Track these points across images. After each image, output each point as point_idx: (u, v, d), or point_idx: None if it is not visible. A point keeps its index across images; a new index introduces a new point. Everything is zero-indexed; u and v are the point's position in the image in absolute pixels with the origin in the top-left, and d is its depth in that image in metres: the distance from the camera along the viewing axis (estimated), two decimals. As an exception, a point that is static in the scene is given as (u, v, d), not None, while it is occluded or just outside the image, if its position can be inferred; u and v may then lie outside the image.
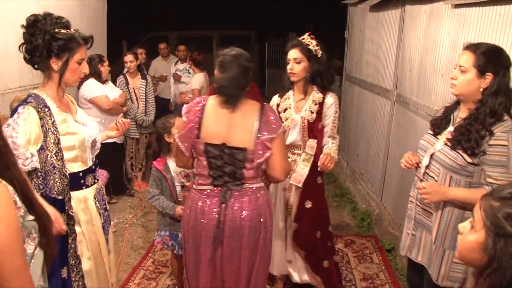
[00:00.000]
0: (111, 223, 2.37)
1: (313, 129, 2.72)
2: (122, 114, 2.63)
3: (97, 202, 2.19)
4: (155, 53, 6.88)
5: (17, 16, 3.65)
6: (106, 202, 2.32)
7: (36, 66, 2.01)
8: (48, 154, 1.96)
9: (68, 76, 2.03)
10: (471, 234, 1.11)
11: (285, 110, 2.77)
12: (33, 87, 3.87)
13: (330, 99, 2.72)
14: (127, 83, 4.85)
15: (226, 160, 2.05)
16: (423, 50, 3.29)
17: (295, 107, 2.76)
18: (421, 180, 2.10)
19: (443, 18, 2.95)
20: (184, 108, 2.14)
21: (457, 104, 2.09)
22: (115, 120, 2.45)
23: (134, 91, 4.89)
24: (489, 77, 1.87)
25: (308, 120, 2.70)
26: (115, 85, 4.73)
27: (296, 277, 2.96)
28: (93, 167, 2.18)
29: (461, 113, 2.04)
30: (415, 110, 3.40)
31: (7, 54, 3.57)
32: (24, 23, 1.94)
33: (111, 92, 4.34)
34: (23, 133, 1.90)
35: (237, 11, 14.73)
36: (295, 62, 2.67)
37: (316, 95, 2.72)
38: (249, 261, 2.14)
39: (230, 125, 2.05)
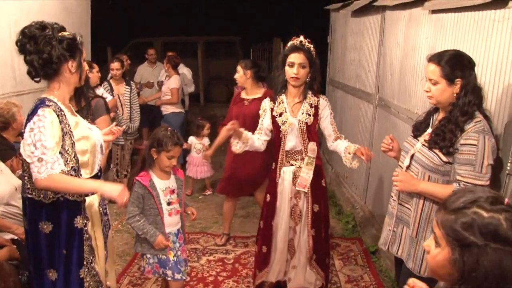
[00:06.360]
0: (111, 227, 2.38)
1: (311, 131, 2.75)
2: (115, 123, 2.64)
3: (101, 209, 2.20)
4: (139, 59, 6.84)
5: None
6: (107, 206, 2.32)
7: (36, 79, 1.96)
8: (67, 158, 1.94)
9: (82, 75, 2.06)
10: (438, 251, 1.10)
11: (280, 114, 2.76)
12: (16, 95, 3.86)
13: (323, 102, 2.77)
14: (111, 89, 4.83)
15: None
16: (403, 54, 3.36)
17: (290, 111, 2.75)
18: None
19: (421, 23, 3.02)
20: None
21: (436, 109, 2.19)
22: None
23: (119, 98, 4.88)
24: (458, 82, 1.97)
25: (307, 123, 2.72)
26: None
27: (293, 284, 2.93)
28: (99, 173, 2.18)
29: (440, 116, 2.14)
30: (396, 113, 3.46)
31: (-11, 61, 3.54)
32: (28, 34, 1.87)
33: None
34: (51, 136, 1.87)
35: (222, 17, 14.77)
36: (301, 67, 2.63)
37: (312, 98, 2.74)
38: None
39: None
